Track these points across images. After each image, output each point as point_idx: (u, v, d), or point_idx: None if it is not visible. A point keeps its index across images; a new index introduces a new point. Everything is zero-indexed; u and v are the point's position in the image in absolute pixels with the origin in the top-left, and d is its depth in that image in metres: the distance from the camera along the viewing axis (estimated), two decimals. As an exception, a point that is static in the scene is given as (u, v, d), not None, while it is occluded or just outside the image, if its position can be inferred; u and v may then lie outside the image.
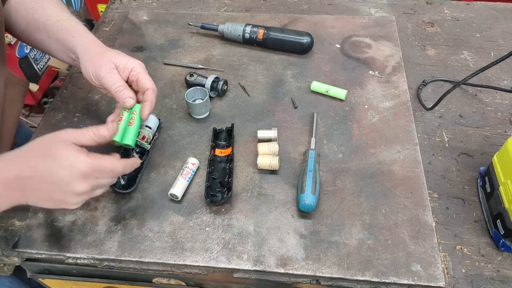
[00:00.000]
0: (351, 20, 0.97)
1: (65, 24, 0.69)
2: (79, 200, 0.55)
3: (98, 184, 0.56)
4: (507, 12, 1.00)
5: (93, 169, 0.54)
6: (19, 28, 0.72)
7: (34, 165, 0.53)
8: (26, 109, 2.13)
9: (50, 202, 0.55)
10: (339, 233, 0.62)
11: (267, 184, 0.68)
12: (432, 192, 0.67)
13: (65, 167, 0.52)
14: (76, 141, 0.54)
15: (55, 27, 0.68)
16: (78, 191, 0.53)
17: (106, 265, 0.61)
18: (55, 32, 0.68)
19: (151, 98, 0.65)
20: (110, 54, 0.66)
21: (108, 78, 0.64)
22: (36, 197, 0.54)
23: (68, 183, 0.53)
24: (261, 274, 0.59)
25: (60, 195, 0.54)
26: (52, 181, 0.53)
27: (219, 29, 0.92)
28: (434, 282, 0.57)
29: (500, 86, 0.81)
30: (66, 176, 0.52)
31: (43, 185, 0.53)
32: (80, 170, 0.52)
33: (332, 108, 0.79)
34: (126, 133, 0.64)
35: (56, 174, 0.52)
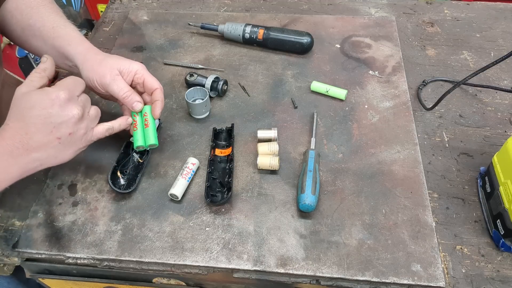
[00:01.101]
0: (351, 20, 0.97)
1: (61, 31, 0.69)
2: (84, 126, 0.57)
3: (84, 102, 0.58)
4: (507, 12, 1.00)
5: (68, 90, 0.55)
6: (14, 33, 0.72)
7: (23, 124, 0.54)
8: (26, 109, 2.13)
9: (64, 148, 0.56)
10: (339, 233, 0.62)
11: (267, 184, 0.68)
12: (432, 192, 0.67)
13: (48, 105, 0.54)
14: (33, 87, 0.56)
15: (50, 34, 0.68)
16: (76, 114, 0.55)
17: (106, 265, 0.61)
18: (51, 39, 0.68)
19: (161, 97, 0.68)
20: (111, 60, 0.67)
21: (114, 85, 0.65)
22: (46, 150, 0.55)
23: (62, 114, 0.54)
24: (261, 274, 0.59)
25: (65, 130, 0.55)
26: (48, 123, 0.54)
27: (219, 29, 0.92)
28: (434, 282, 0.57)
29: (500, 86, 0.81)
30: (55, 110, 0.54)
31: (44, 132, 0.54)
32: (60, 97, 0.54)
33: (332, 108, 0.79)
34: (146, 136, 0.66)
35: (46, 115, 0.53)
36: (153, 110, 0.67)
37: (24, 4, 0.70)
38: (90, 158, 0.72)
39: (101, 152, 0.73)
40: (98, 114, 0.61)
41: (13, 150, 0.53)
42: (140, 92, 0.69)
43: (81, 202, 0.67)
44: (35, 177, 0.70)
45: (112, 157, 0.72)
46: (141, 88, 0.69)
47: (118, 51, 0.92)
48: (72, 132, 0.56)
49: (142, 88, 0.69)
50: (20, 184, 0.69)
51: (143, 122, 0.67)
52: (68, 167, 0.71)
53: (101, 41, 0.96)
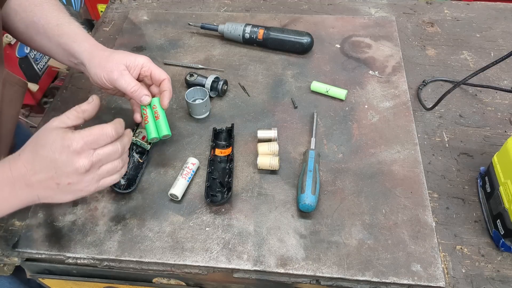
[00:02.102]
0: (351, 20, 0.97)
1: (66, 29, 0.69)
2: (89, 180, 0.55)
3: (99, 158, 0.55)
4: (507, 12, 1.00)
5: (83, 142, 0.53)
6: (18, 30, 0.72)
7: (31, 159, 0.53)
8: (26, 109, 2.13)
9: (61, 192, 0.55)
10: (339, 233, 0.62)
11: (267, 184, 0.68)
12: (432, 192, 0.67)
13: (58, 150, 0.53)
14: (63, 124, 0.55)
15: (55, 32, 0.68)
16: (80, 167, 0.53)
17: (106, 265, 0.61)
18: (55, 37, 0.68)
19: (169, 87, 0.67)
20: (118, 55, 0.67)
21: (121, 80, 0.65)
22: (45, 190, 0.54)
23: (66, 163, 0.53)
24: (261, 274, 0.59)
25: (65, 179, 0.53)
26: (51, 167, 0.53)
27: (219, 29, 0.92)
28: (434, 282, 0.57)
29: (500, 86, 0.81)
30: (62, 157, 0.52)
31: (45, 174, 0.53)
32: (72, 147, 0.53)
33: (332, 108, 0.79)
34: (159, 127, 0.66)
35: (52, 159, 0.53)
36: (161, 101, 0.67)
37: (28, 1, 0.70)
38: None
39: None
40: (112, 171, 0.58)
41: (16, 182, 0.53)
42: (148, 85, 0.70)
43: (81, 202, 0.67)
44: (35, 177, 0.70)
45: (112, 157, 0.72)
46: (148, 80, 0.69)
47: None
48: (72, 183, 0.54)
49: (150, 80, 0.69)
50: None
51: (153, 115, 0.67)
52: (68, 167, 0.71)
53: (101, 41, 0.95)
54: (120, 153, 0.57)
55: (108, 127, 0.55)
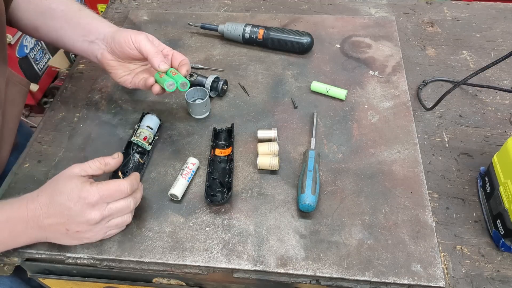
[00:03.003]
0: (351, 20, 0.97)
1: (88, 12, 0.73)
2: (97, 231, 0.58)
3: (111, 212, 0.57)
4: (507, 12, 1.00)
5: (99, 196, 0.56)
6: (28, 19, 0.73)
7: (47, 203, 0.56)
8: (26, 109, 2.13)
9: (69, 238, 0.58)
10: (339, 233, 0.62)
11: (267, 184, 0.68)
12: (432, 192, 0.67)
13: (73, 200, 0.55)
14: (84, 173, 0.58)
15: (77, 14, 0.72)
16: (91, 219, 0.56)
17: (106, 265, 0.61)
18: (76, 18, 0.71)
19: (187, 62, 0.69)
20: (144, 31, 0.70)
21: (147, 43, 0.67)
22: (54, 233, 0.58)
23: (79, 214, 0.55)
24: (261, 274, 0.59)
25: (75, 227, 0.56)
26: (64, 214, 0.56)
27: (219, 29, 0.92)
28: (434, 282, 0.57)
29: (500, 86, 0.81)
30: (76, 207, 0.55)
31: (58, 220, 0.56)
32: (88, 199, 0.55)
33: (332, 108, 0.79)
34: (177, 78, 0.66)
35: (67, 207, 0.55)
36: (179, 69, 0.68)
37: None
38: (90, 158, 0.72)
39: (101, 152, 0.73)
40: (121, 224, 0.60)
41: (29, 222, 0.56)
42: None
43: (81, 202, 0.67)
44: (35, 177, 0.70)
45: (112, 157, 0.72)
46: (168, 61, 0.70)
47: (118, 51, 0.92)
48: (80, 231, 0.57)
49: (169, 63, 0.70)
50: (20, 184, 0.69)
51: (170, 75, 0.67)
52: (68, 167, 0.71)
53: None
54: (131, 208, 0.60)
55: (124, 183, 0.58)
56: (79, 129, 0.77)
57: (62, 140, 0.76)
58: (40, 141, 0.76)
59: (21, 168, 0.72)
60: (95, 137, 0.76)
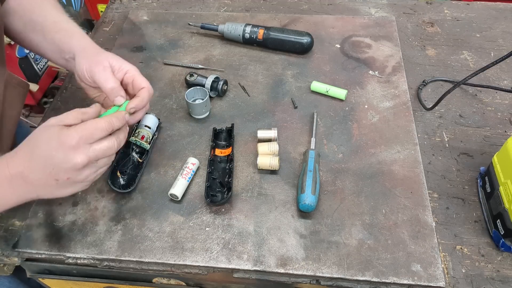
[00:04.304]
0: (351, 20, 0.97)
1: (64, 26, 0.69)
2: (87, 173, 0.55)
3: (96, 153, 0.55)
4: (507, 12, 1.00)
5: (79, 137, 0.53)
6: (16, 30, 0.72)
7: (28, 156, 0.54)
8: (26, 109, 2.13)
9: (61, 188, 0.56)
10: (339, 233, 0.62)
11: (267, 184, 0.68)
12: (432, 192, 0.67)
13: (54, 147, 0.53)
14: (60, 123, 0.55)
15: (52, 28, 0.69)
16: (78, 163, 0.53)
17: (106, 265, 0.61)
18: (52, 33, 0.68)
19: (143, 95, 0.64)
20: (107, 54, 0.66)
21: (102, 75, 0.63)
22: (44, 187, 0.55)
23: (64, 160, 0.53)
24: (261, 274, 0.59)
25: (64, 175, 0.54)
26: (48, 165, 0.53)
27: (219, 29, 0.92)
28: (434, 282, 0.57)
29: (500, 86, 0.81)
30: (59, 154, 0.53)
31: (43, 172, 0.54)
32: (68, 142, 0.53)
33: (332, 108, 0.79)
34: None
35: (49, 157, 0.53)
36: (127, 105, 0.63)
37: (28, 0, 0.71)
38: (90, 158, 0.72)
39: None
40: (109, 162, 0.59)
41: (13, 179, 0.54)
42: (131, 94, 0.67)
43: (81, 202, 0.67)
44: (35, 177, 0.70)
45: (112, 157, 0.72)
46: (131, 90, 0.67)
47: (118, 51, 0.92)
48: (71, 178, 0.55)
49: (132, 90, 0.67)
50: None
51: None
52: (68, 167, 0.71)
53: (101, 41, 0.96)
54: (116, 147, 0.57)
55: (101, 121, 0.56)
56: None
57: (62, 140, 0.76)
58: (40, 141, 0.76)
59: (21, 168, 0.72)
60: (95, 137, 0.76)
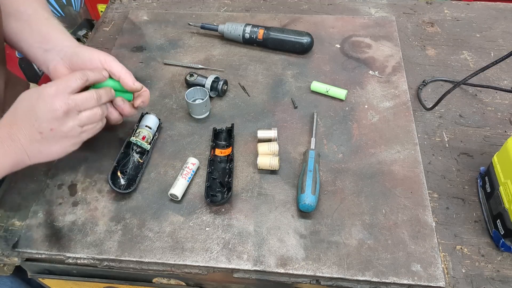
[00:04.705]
0: (351, 20, 0.97)
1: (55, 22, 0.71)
2: (70, 125, 0.56)
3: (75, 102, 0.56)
4: (507, 12, 1.00)
5: (56, 86, 0.55)
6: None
7: (12, 113, 0.56)
8: (26, 109, 2.13)
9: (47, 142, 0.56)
10: (339, 233, 0.62)
11: (267, 184, 0.68)
12: (432, 192, 0.67)
13: (34, 98, 0.55)
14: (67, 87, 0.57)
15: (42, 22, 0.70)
16: (57, 109, 0.54)
17: (106, 265, 0.61)
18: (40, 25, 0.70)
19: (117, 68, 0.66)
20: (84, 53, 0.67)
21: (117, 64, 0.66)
22: (31, 143, 0.56)
23: (43, 108, 0.54)
24: (261, 274, 0.59)
25: (47, 125, 0.55)
26: (31, 116, 0.55)
27: (219, 29, 0.92)
28: (434, 282, 0.57)
29: (500, 86, 0.81)
30: (39, 103, 0.54)
31: (27, 124, 0.55)
32: (47, 92, 0.55)
33: (332, 108, 0.79)
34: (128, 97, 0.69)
35: (30, 107, 0.55)
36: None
37: None
38: (90, 158, 0.72)
39: (101, 152, 0.73)
40: (93, 117, 0.59)
41: (3, 140, 0.55)
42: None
43: (81, 202, 0.67)
44: (35, 177, 0.70)
45: (112, 157, 0.72)
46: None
47: (118, 51, 0.92)
48: (54, 129, 0.55)
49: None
50: (20, 184, 0.69)
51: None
52: (68, 167, 0.71)
53: (101, 41, 0.96)
54: (95, 99, 0.58)
55: (77, 72, 0.58)
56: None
57: (62, 140, 0.76)
58: (40, 141, 0.76)
59: (21, 168, 0.72)
60: (95, 137, 0.75)
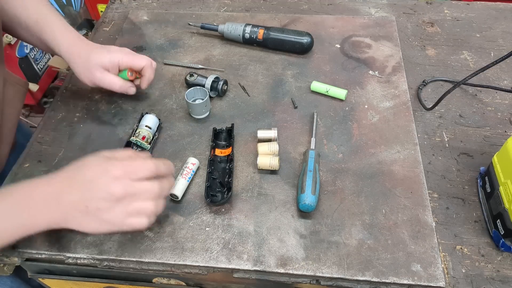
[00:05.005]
0: (351, 20, 0.97)
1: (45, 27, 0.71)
2: (117, 212, 0.53)
3: (134, 190, 0.53)
4: (507, 12, 1.00)
5: (124, 170, 0.53)
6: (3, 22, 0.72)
7: (70, 177, 0.54)
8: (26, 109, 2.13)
9: (87, 218, 0.53)
10: (339, 233, 0.62)
11: (267, 184, 0.68)
12: (432, 192, 0.67)
13: (98, 172, 0.53)
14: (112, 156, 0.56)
15: (36, 29, 0.71)
16: (114, 192, 0.52)
17: (106, 265, 0.61)
18: (37, 33, 0.71)
19: (148, 72, 0.75)
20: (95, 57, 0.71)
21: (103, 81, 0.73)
22: (73, 212, 0.53)
23: (101, 188, 0.52)
24: (261, 274, 0.59)
25: (96, 203, 0.52)
26: (86, 188, 0.53)
27: (219, 29, 0.92)
28: (434, 282, 0.57)
29: (500, 86, 0.81)
30: (100, 180, 0.52)
31: (78, 194, 0.53)
32: (112, 172, 0.53)
33: (332, 108, 0.79)
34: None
35: (90, 180, 0.53)
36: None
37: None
38: (90, 158, 0.72)
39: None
40: (142, 211, 0.54)
41: (49, 199, 0.53)
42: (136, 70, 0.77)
43: (81, 202, 0.67)
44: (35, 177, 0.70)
45: (112, 157, 0.72)
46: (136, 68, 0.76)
47: (118, 51, 0.92)
48: (101, 209, 0.53)
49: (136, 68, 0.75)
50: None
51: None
52: (68, 167, 0.71)
53: (101, 41, 0.96)
54: (155, 194, 0.55)
55: (150, 161, 0.55)
56: (79, 129, 0.77)
57: (62, 140, 0.76)
58: (40, 141, 0.76)
59: (21, 168, 0.72)
60: (95, 137, 0.76)
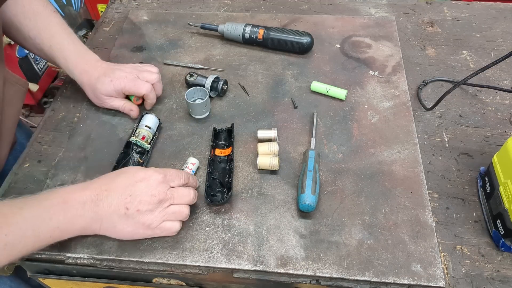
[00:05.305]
0: (351, 20, 0.97)
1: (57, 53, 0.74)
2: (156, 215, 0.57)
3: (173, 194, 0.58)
4: (507, 12, 1.00)
5: (164, 176, 0.58)
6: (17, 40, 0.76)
7: (109, 181, 0.56)
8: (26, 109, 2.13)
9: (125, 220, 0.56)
10: (339, 233, 0.62)
11: (267, 184, 0.68)
12: (432, 192, 0.67)
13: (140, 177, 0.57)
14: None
15: (49, 53, 0.74)
16: (156, 194, 0.56)
17: (106, 265, 0.61)
18: (50, 57, 0.75)
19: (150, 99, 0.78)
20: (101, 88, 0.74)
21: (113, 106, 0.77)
22: (111, 216, 0.55)
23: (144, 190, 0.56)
24: (261, 274, 0.59)
25: (137, 205, 0.55)
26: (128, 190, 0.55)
27: (219, 29, 0.92)
28: (434, 282, 0.57)
29: (500, 86, 0.81)
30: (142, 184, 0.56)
31: (120, 197, 0.55)
32: (153, 177, 0.57)
33: (332, 108, 0.79)
34: None
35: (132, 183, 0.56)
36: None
37: (23, 14, 0.72)
38: (90, 158, 0.72)
39: (101, 152, 0.73)
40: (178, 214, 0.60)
41: (87, 202, 0.54)
42: None
43: (81, 202, 0.67)
44: (35, 177, 0.70)
45: (112, 157, 0.72)
46: None
47: (118, 51, 0.92)
48: (140, 211, 0.56)
49: None
50: (20, 184, 0.69)
51: None
52: (68, 167, 0.71)
53: (101, 41, 0.96)
54: (190, 200, 0.61)
55: (182, 171, 0.63)
56: (79, 129, 0.77)
57: (62, 140, 0.76)
58: (40, 141, 0.76)
59: (21, 168, 0.72)
60: (95, 137, 0.76)
